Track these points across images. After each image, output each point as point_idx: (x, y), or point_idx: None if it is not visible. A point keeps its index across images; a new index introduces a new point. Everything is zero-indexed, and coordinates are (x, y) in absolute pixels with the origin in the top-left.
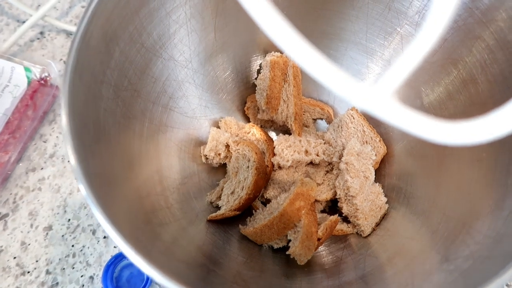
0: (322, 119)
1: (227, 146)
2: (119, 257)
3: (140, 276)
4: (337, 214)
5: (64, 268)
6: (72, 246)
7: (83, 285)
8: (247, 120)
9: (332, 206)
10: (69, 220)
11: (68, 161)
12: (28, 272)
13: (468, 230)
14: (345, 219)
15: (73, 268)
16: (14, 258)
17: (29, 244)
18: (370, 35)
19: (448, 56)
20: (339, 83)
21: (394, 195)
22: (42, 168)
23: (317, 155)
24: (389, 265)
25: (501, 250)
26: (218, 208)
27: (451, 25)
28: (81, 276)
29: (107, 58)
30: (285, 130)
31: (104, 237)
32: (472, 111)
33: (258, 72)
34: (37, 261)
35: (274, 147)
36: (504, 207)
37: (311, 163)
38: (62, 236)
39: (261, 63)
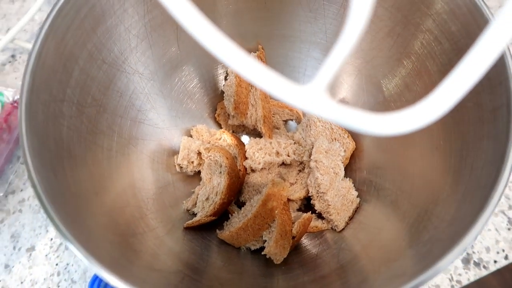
0: (292, 120)
1: (199, 153)
2: None
3: None
4: (310, 211)
5: (49, 287)
6: (56, 264)
7: None
8: (219, 126)
9: (308, 205)
10: (51, 239)
11: None
12: None
13: (430, 216)
14: (320, 216)
15: (58, 286)
16: None
17: (13, 267)
18: (330, 35)
19: (403, 50)
20: (279, 89)
21: (365, 189)
22: (21, 190)
23: (288, 156)
24: (363, 255)
25: (450, 233)
26: (194, 215)
27: (402, 20)
28: None
29: (65, 77)
30: (257, 133)
31: None
32: None
33: (226, 79)
34: (22, 282)
35: (246, 151)
36: (457, 191)
37: (283, 164)
38: (46, 255)
39: (227, 70)
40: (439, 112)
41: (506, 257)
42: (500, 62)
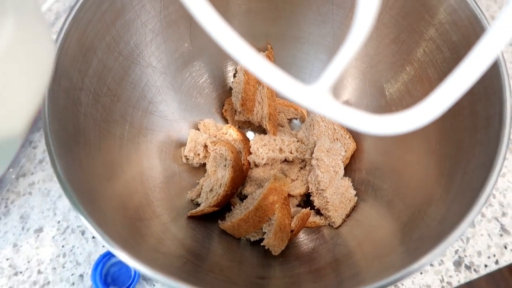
0: (296, 119)
1: (205, 146)
2: (107, 255)
3: (128, 273)
4: (309, 207)
5: (55, 268)
6: (62, 246)
7: (73, 283)
8: (226, 121)
9: (307, 201)
10: (59, 222)
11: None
12: (21, 272)
13: (423, 216)
14: (318, 212)
15: (64, 267)
16: (7, 259)
17: (21, 246)
18: (337, 38)
19: (407, 57)
20: (285, 86)
21: (363, 188)
22: (32, 173)
23: (291, 153)
24: (357, 250)
25: (439, 231)
26: (198, 205)
27: (407, 28)
28: (72, 274)
29: (85, 67)
30: (262, 130)
31: (93, 237)
32: None
33: (234, 76)
34: (28, 261)
35: (250, 146)
36: (449, 193)
37: (285, 161)
38: (53, 237)
39: (236, 67)
40: (433, 115)
41: (496, 262)
42: (495, 73)
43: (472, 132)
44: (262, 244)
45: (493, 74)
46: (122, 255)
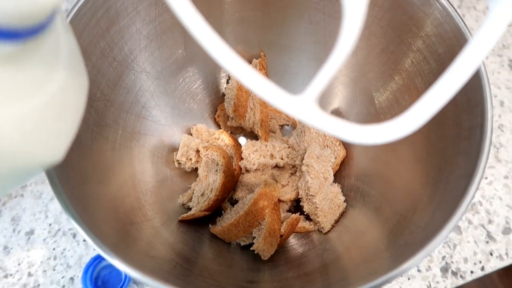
0: (287, 125)
1: (198, 151)
2: (98, 258)
3: (118, 276)
4: (298, 213)
5: (45, 270)
6: (53, 249)
7: (63, 286)
8: (218, 127)
9: (297, 206)
10: (50, 224)
11: None
12: (11, 274)
13: (408, 223)
14: (308, 218)
15: (54, 270)
16: None
17: (11, 248)
18: (329, 47)
19: (395, 67)
20: (273, 96)
21: (352, 194)
22: None
23: (282, 159)
24: (345, 256)
25: (422, 238)
26: (189, 209)
27: (396, 39)
28: (62, 277)
29: None
30: (253, 136)
31: (84, 240)
32: None
33: (228, 82)
34: (19, 264)
35: (242, 152)
36: (433, 201)
37: (276, 166)
38: (44, 240)
39: (229, 74)
40: (415, 126)
41: (482, 269)
42: (478, 85)
43: (456, 142)
44: (251, 248)
45: (475, 86)
46: (112, 260)
